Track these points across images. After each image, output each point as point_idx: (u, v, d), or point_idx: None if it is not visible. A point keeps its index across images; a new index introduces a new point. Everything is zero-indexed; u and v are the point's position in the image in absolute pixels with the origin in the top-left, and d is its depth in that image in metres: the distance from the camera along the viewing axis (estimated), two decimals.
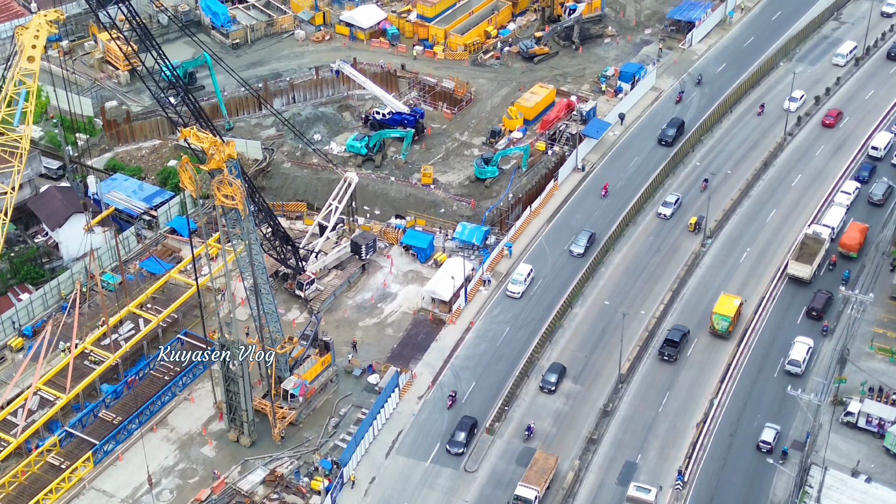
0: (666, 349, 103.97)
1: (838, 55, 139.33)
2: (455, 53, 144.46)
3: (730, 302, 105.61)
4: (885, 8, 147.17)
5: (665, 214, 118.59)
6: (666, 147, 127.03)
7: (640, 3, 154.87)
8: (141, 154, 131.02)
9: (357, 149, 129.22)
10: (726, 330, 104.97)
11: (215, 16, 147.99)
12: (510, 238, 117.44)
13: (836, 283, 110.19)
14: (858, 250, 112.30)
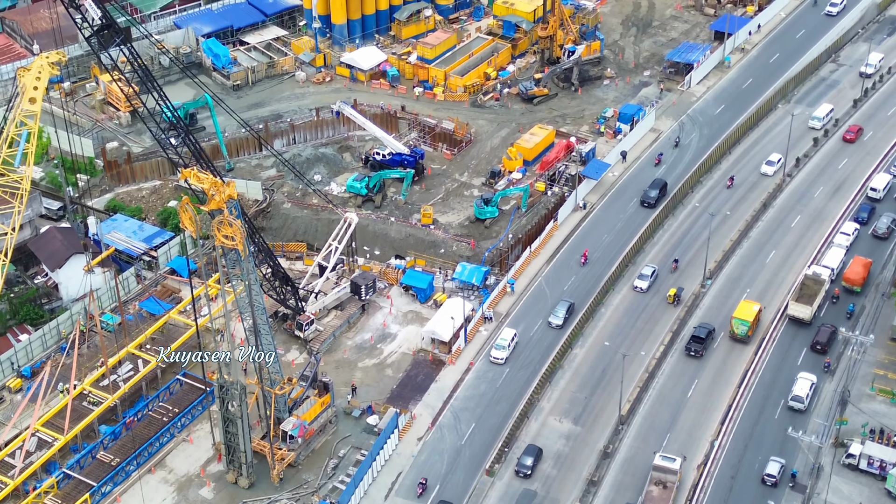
0: (692, 345, 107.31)
1: (814, 118, 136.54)
2: (455, 95, 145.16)
3: (749, 308, 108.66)
4: (863, 68, 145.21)
5: (641, 287, 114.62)
6: (648, 209, 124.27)
7: (638, 45, 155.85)
8: (141, 195, 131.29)
9: (357, 189, 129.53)
10: (745, 334, 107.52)
11: (216, 57, 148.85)
12: (513, 275, 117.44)
13: (841, 317, 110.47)
14: (862, 285, 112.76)
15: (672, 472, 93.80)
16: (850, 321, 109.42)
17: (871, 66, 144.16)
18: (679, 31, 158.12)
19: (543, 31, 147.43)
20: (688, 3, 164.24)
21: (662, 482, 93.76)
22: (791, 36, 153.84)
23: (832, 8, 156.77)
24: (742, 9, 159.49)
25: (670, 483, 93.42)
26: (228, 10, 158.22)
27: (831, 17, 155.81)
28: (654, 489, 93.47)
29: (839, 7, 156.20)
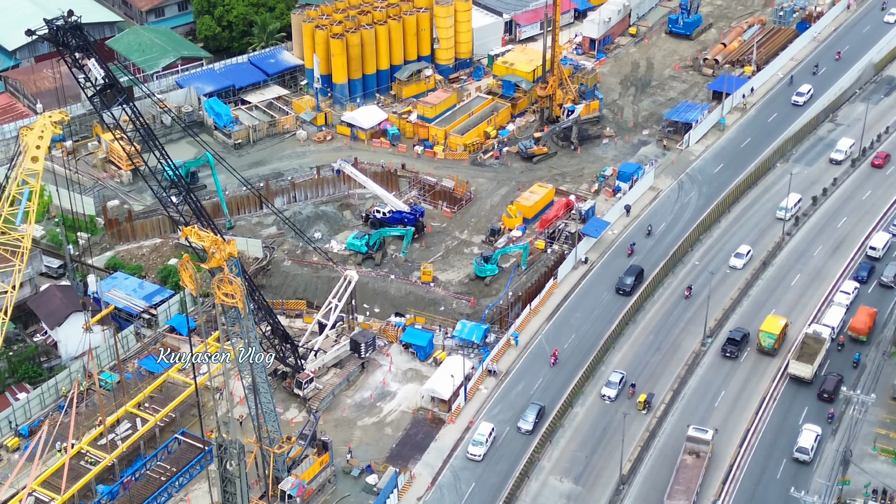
0: (728, 347, 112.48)
1: (781, 209, 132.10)
2: (455, 153, 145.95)
3: (776, 322, 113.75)
4: (833, 154, 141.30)
5: (609, 396, 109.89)
6: (624, 296, 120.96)
7: (637, 104, 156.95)
8: (142, 253, 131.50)
9: (357, 247, 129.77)
10: (772, 347, 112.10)
11: (218, 116, 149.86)
12: (517, 328, 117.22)
13: (847, 366, 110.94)
14: (868, 334, 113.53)
15: (705, 443, 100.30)
16: (856, 370, 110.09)
17: (840, 151, 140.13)
18: (677, 91, 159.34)
19: (543, 90, 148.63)
20: (686, 63, 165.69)
21: (696, 452, 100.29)
22: (788, 96, 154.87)
23: (798, 97, 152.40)
24: (740, 69, 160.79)
25: (703, 453, 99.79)
26: (230, 69, 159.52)
27: (798, 106, 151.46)
28: (687, 458, 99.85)
29: (805, 97, 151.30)
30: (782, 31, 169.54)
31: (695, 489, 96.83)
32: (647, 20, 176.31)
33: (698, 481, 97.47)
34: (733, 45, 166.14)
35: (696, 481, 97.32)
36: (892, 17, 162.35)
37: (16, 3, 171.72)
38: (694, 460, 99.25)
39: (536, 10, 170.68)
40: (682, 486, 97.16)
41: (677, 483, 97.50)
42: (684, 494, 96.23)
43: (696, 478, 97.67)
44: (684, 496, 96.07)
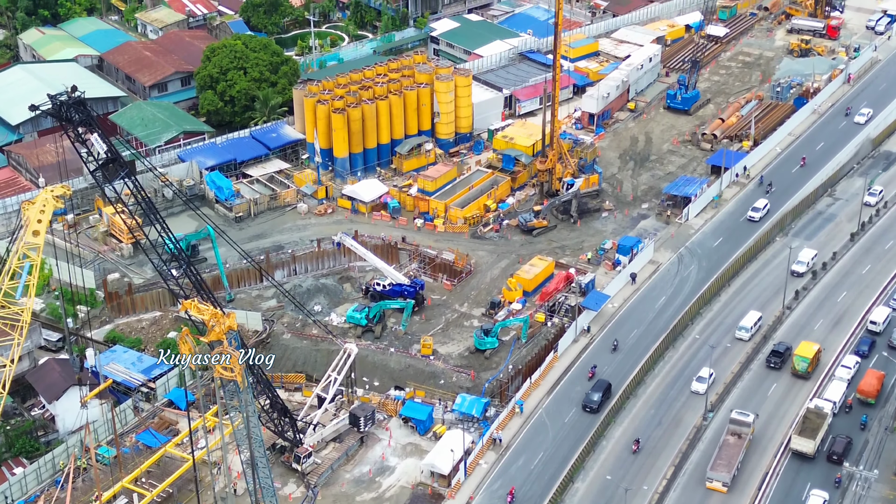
0: (772, 359, 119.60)
1: (741, 328, 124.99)
2: (455, 226, 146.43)
3: (810, 347, 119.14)
4: (795, 266, 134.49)
5: None
6: (591, 414, 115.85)
7: (636, 178, 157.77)
8: (141, 326, 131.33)
9: (357, 320, 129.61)
10: (805, 370, 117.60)
11: (219, 190, 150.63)
12: (521, 396, 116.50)
13: (855, 427, 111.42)
14: (876, 396, 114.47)
15: (746, 425, 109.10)
16: (864, 432, 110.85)
17: (802, 263, 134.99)
18: (676, 165, 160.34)
19: (542, 164, 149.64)
20: (684, 137, 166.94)
21: (738, 433, 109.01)
22: (787, 170, 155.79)
23: (754, 213, 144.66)
24: (738, 144, 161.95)
25: (744, 434, 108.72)
26: (232, 143, 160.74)
27: (753, 222, 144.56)
28: (730, 438, 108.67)
29: (761, 213, 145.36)
30: (780, 107, 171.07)
31: (735, 464, 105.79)
32: (645, 95, 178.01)
33: (739, 458, 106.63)
34: (731, 120, 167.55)
35: (736, 458, 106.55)
36: (863, 118, 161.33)
37: (20, 79, 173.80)
38: (736, 440, 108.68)
39: (536, 86, 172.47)
40: (724, 460, 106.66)
41: (720, 458, 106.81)
42: (726, 467, 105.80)
43: (737, 455, 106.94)
44: (725, 469, 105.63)
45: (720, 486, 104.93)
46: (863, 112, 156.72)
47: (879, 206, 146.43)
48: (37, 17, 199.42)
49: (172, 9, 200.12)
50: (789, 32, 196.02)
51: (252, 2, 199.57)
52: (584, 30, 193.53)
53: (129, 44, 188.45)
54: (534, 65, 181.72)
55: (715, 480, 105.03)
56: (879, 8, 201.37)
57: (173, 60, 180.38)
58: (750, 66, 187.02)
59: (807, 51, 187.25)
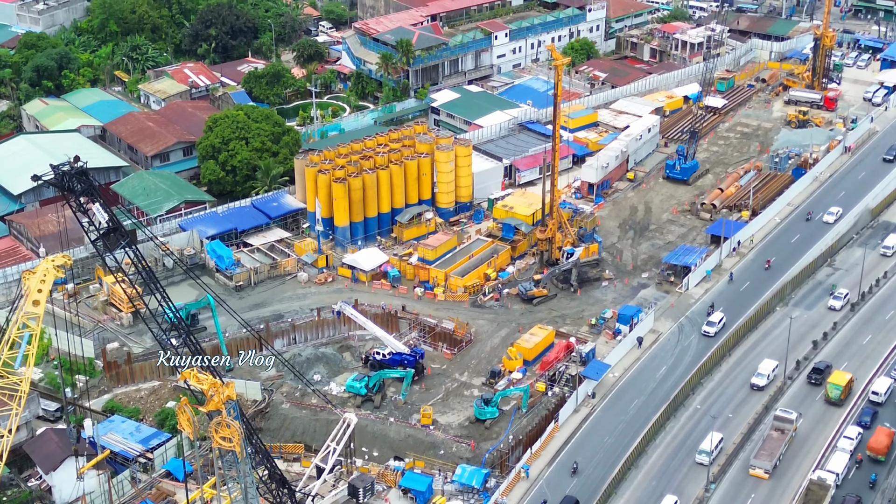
0: (813, 375, 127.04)
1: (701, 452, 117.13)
2: (455, 295, 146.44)
3: (843, 376, 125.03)
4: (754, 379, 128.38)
5: None
6: None
7: (636, 248, 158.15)
8: (140, 395, 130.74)
9: (357, 389, 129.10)
10: (838, 398, 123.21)
11: (220, 259, 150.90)
12: (527, 460, 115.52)
13: (864, 486, 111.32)
14: (886, 454, 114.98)
15: (789, 422, 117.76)
16: (873, 491, 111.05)
17: (762, 376, 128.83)
18: (676, 235, 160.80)
19: (542, 233, 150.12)
20: (684, 207, 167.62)
21: (781, 429, 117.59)
22: (786, 240, 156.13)
23: (709, 328, 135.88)
24: (737, 214, 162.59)
25: (787, 430, 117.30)
26: (233, 213, 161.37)
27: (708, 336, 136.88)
28: (774, 434, 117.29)
29: (716, 327, 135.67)
30: (778, 177, 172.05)
31: (777, 455, 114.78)
32: (644, 165, 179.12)
33: (781, 450, 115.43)
34: (730, 191, 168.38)
35: (779, 450, 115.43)
36: (832, 217, 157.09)
37: (23, 149, 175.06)
38: (779, 435, 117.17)
39: (535, 156, 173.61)
40: (767, 451, 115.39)
41: (763, 449, 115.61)
42: (768, 457, 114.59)
43: (780, 447, 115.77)
44: (768, 458, 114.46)
45: (762, 472, 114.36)
46: (832, 212, 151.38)
47: (846, 309, 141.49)
48: (40, 88, 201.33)
49: (175, 80, 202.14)
50: (787, 104, 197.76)
51: (254, 73, 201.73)
52: (583, 101, 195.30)
53: (132, 114, 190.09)
54: (533, 135, 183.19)
55: (758, 468, 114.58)
56: (876, 80, 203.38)
57: (175, 131, 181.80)
58: (748, 137, 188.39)
59: (804, 122, 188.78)
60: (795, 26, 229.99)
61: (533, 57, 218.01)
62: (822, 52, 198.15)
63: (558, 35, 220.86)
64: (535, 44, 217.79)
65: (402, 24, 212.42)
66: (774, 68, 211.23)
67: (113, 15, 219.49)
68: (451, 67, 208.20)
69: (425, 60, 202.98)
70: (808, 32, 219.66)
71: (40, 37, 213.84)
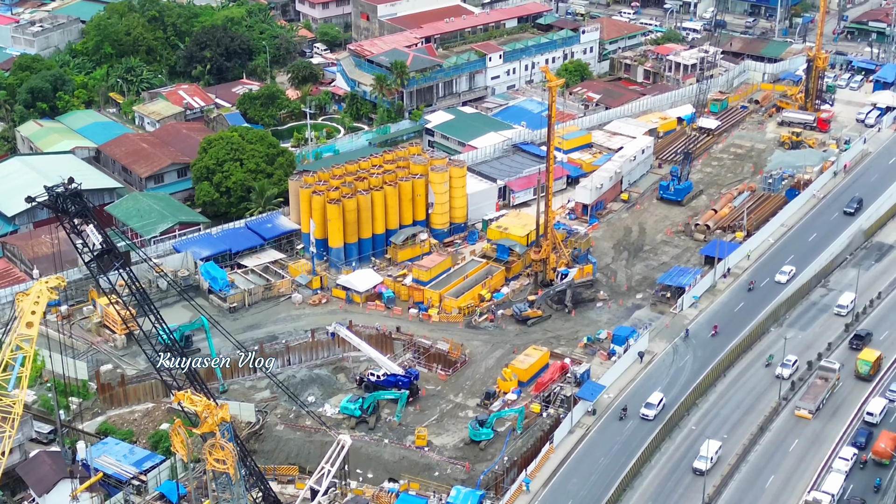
0: (854, 341, 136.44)
1: None
2: (449, 316, 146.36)
3: (872, 353, 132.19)
4: None
5: None
6: None
7: (630, 268, 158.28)
8: (134, 417, 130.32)
9: (351, 411, 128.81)
10: (867, 373, 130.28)
11: (214, 280, 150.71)
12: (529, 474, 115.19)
13: (869, 490, 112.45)
14: (891, 458, 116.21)
15: (833, 371, 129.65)
16: (878, 494, 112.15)
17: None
18: (670, 256, 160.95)
19: (536, 254, 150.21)
20: (678, 228, 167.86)
21: (825, 377, 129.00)
22: (780, 261, 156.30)
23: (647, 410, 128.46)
24: (731, 235, 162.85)
25: (830, 378, 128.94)
26: (227, 234, 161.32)
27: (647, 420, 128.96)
28: (818, 381, 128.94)
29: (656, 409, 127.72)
30: (772, 198, 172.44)
31: (820, 399, 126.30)
32: (638, 186, 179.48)
33: (824, 395, 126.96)
34: (724, 211, 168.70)
35: (822, 395, 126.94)
36: (784, 277, 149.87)
37: (17, 170, 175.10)
38: (823, 382, 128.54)
39: (530, 177, 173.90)
40: (812, 395, 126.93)
41: (808, 394, 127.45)
42: (812, 400, 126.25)
43: (822, 392, 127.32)
44: (812, 401, 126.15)
45: (807, 413, 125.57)
46: (784, 271, 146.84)
47: (794, 379, 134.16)
48: (35, 110, 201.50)
49: (170, 102, 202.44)
50: (780, 125, 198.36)
51: (249, 95, 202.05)
52: (577, 122, 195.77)
53: (127, 136, 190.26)
54: (528, 156, 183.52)
55: (803, 409, 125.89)
56: (869, 101, 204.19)
57: (170, 152, 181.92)
58: (742, 158, 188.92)
59: (798, 143, 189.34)
60: (788, 48, 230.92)
61: (527, 78, 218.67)
62: (815, 73, 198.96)
63: (552, 57, 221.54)
64: (529, 65, 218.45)
65: (396, 45, 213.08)
66: (767, 90, 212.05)
67: (108, 37, 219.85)
68: (446, 89, 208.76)
69: (419, 82, 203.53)
70: (800, 54, 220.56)
71: (35, 59, 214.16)
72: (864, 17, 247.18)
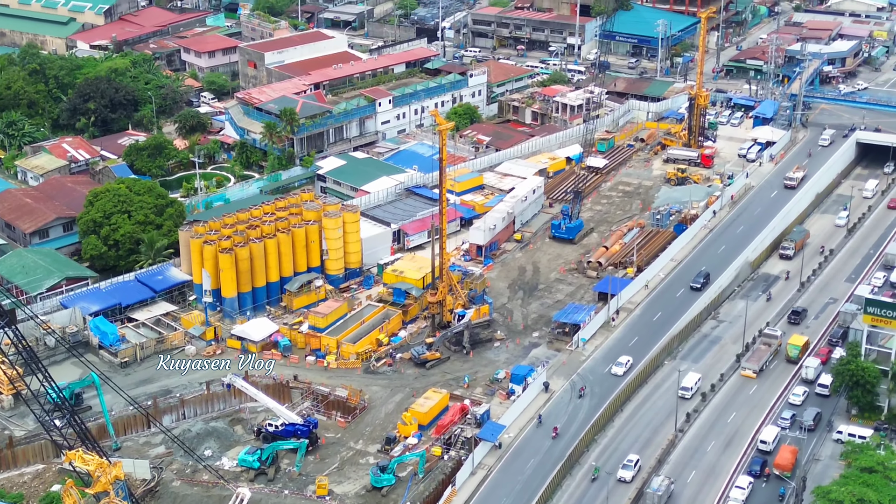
0: (792, 316, 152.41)
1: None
2: (347, 362, 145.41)
3: (800, 339, 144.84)
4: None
5: None
6: None
7: (526, 307, 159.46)
8: (23, 480, 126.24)
9: (249, 463, 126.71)
10: (797, 357, 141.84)
11: (104, 335, 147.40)
12: None
13: (773, 500, 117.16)
14: (791, 469, 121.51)
15: (775, 338, 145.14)
16: None
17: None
18: (564, 293, 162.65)
19: (433, 296, 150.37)
20: (571, 266, 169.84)
21: (768, 343, 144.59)
22: (672, 295, 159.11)
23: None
24: (623, 271, 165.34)
25: (773, 343, 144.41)
26: (117, 288, 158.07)
27: None
28: (762, 347, 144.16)
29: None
30: (661, 234, 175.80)
31: (763, 361, 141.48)
32: (530, 226, 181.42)
33: (766, 357, 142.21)
34: (615, 248, 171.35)
35: (764, 357, 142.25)
36: (621, 369, 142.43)
37: None
38: (766, 348, 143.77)
39: (423, 220, 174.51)
40: (756, 357, 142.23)
41: (753, 356, 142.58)
42: (756, 362, 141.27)
43: (765, 356, 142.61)
44: (756, 362, 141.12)
45: (751, 373, 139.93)
46: (620, 362, 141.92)
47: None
48: None
49: (54, 155, 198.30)
50: (665, 162, 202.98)
51: (135, 146, 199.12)
52: (468, 164, 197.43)
53: (9, 191, 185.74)
54: (420, 199, 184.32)
55: (748, 369, 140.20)
56: (749, 137, 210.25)
57: (55, 206, 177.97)
58: (630, 195, 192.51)
59: (683, 179, 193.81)
60: (670, 87, 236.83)
61: (417, 122, 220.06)
62: (697, 111, 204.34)
63: (441, 100, 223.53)
64: (418, 109, 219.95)
65: (285, 92, 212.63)
66: (652, 128, 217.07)
67: None
68: (336, 135, 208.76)
69: (310, 128, 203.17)
70: (682, 92, 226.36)
71: None
72: (741, 55, 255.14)
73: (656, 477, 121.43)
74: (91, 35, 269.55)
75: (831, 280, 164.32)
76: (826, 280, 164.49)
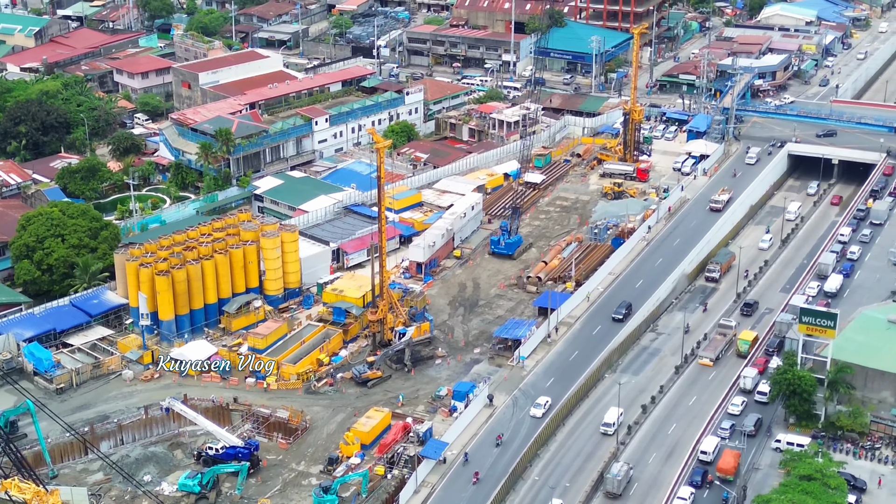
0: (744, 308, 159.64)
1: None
2: (288, 383, 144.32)
3: (750, 334, 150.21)
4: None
5: None
6: None
7: (467, 324, 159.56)
8: None
9: (190, 487, 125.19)
10: (746, 352, 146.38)
11: (38, 361, 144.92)
12: None
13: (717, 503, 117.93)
14: (734, 473, 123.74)
15: (730, 328, 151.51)
16: None
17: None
18: (505, 309, 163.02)
19: (373, 315, 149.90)
20: (510, 282, 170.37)
21: (723, 333, 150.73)
22: (610, 307, 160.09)
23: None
24: (562, 285, 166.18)
25: (728, 333, 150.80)
26: (51, 313, 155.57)
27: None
28: (717, 337, 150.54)
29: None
30: (599, 248, 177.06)
31: (719, 350, 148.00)
32: (470, 242, 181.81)
33: (721, 347, 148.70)
34: (554, 263, 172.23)
35: (720, 347, 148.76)
36: (540, 410, 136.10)
37: None
38: (721, 338, 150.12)
39: (362, 238, 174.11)
40: (712, 346, 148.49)
41: (710, 345, 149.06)
42: (713, 351, 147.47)
43: (721, 345, 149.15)
44: (712, 351, 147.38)
45: (708, 361, 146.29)
46: (539, 403, 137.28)
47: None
48: None
49: None
50: (602, 177, 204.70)
51: (68, 169, 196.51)
52: (406, 182, 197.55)
53: None
54: (359, 217, 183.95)
55: (705, 358, 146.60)
56: (684, 150, 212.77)
57: None
58: (568, 210, 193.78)
59: (620, 193, 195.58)
60: (605, 102, 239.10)
61: (354, 141, 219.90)
62: (632, 126, 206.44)
63: (378, 118, 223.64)
64: (355, 128, 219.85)
65: (220, 112, 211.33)
66: (588, 143, 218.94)
67: None
68: (273, 154, 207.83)
69: (246, 148, 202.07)
70: (617, 108, 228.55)
71: None
72: (674, 70, 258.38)
73: (615, 463, 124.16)
74: (21, 57, 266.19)
75: (766, 290, 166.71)
76: (761, 290, 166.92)
